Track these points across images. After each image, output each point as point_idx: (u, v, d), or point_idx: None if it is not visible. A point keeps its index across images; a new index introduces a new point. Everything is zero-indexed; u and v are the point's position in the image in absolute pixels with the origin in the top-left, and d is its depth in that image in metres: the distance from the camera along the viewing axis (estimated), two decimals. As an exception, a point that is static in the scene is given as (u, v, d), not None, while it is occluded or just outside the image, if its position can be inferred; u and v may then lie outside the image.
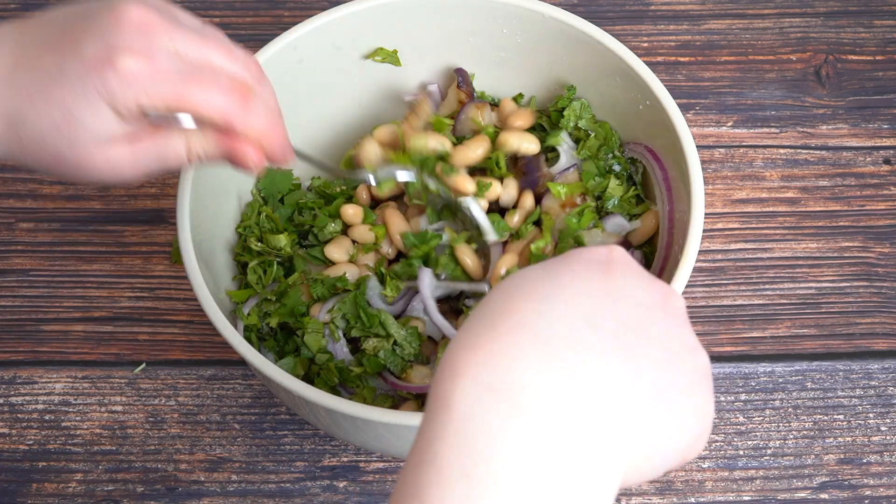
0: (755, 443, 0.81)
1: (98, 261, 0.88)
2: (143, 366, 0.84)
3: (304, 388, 0.64)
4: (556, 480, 0.40)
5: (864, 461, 0.80)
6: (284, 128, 0.63)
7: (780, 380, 0.83)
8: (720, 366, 0.83)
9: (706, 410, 0.47)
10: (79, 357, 0.84)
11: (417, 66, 0.83)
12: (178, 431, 0.81)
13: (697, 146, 0.80)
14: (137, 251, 0.88)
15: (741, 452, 0.81)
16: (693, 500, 0.79)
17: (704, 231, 0.80)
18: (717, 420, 0.81)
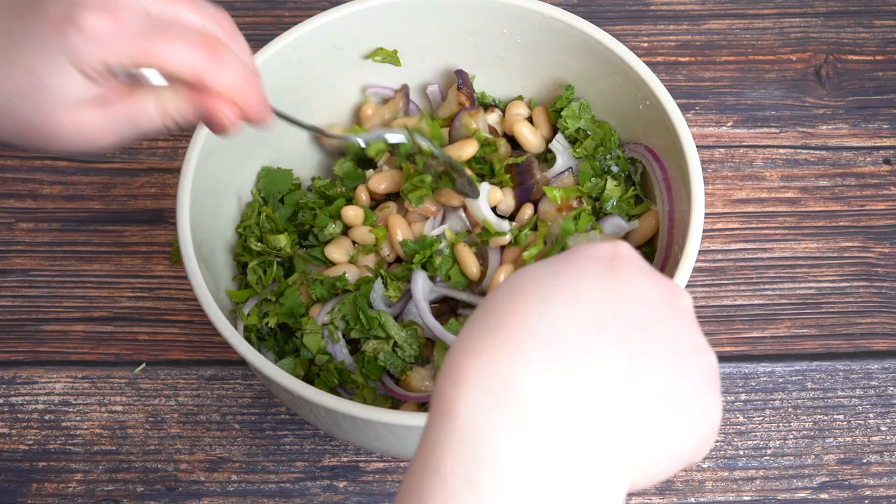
0: (755, 443, 0.81)
1: (98, 261, 0.88)
2: (143, 366, 0.84)
3: (305, 389, 0.64)
4: (562, 488, 0.39)
5: (864, 461, 0.80)
6: (260, 85, 0.60)
7: (780, 380, 0.83)
8: (720, 366, 0.83)
9: (714, 412, 0.46)
10: (79, 357, 0.84)
11: (417, 66, 0.83)
12: (178, 431, 0.81)
13: (697, 146, 0.80)
14: (137, 251, 0.88)
15: (741, 452, 0.81)
16: (693, 500, 0.79)
17: (704, 231, 0.80)
18: (717, 420, 0.82)
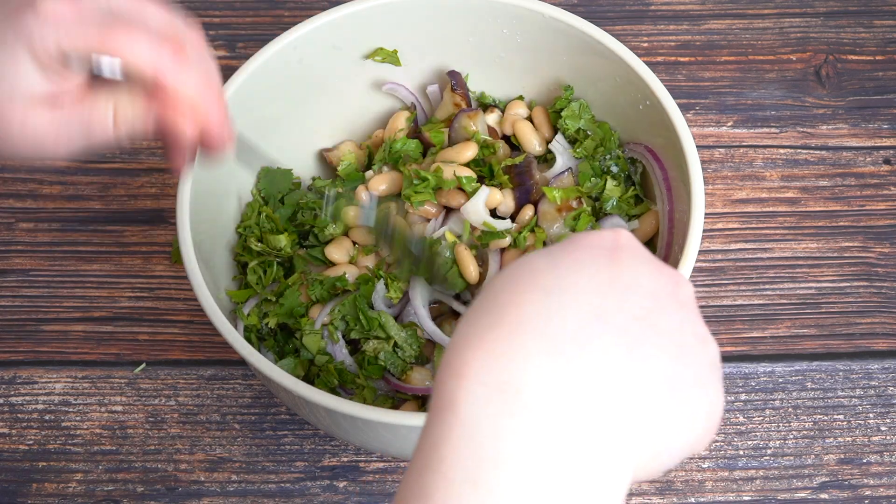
0: (755, 443, 0.81)
1: (98, 261, 0.88)
2: (143, 366, 0.84)
3: (305, 389, 0.64)
4: (564, 483, 0.39)
5: (864, 461, 0.80)
6: (224, 102, 0.57)
7: (780, 380, 0.83)
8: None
9: (717, 402, 0.45)
10: (79, 357, 0.84)
11: (417, 66, 0.83)
12: (178, 431, 0.81)
13: (697, 146, 0.80)
14: (137, 251, 0.88)
15: (741, 452, 0.81)
16: (693, 500, 0.79)
17: (704, 231, 0.80)
18: (717, 420, 0.82)
